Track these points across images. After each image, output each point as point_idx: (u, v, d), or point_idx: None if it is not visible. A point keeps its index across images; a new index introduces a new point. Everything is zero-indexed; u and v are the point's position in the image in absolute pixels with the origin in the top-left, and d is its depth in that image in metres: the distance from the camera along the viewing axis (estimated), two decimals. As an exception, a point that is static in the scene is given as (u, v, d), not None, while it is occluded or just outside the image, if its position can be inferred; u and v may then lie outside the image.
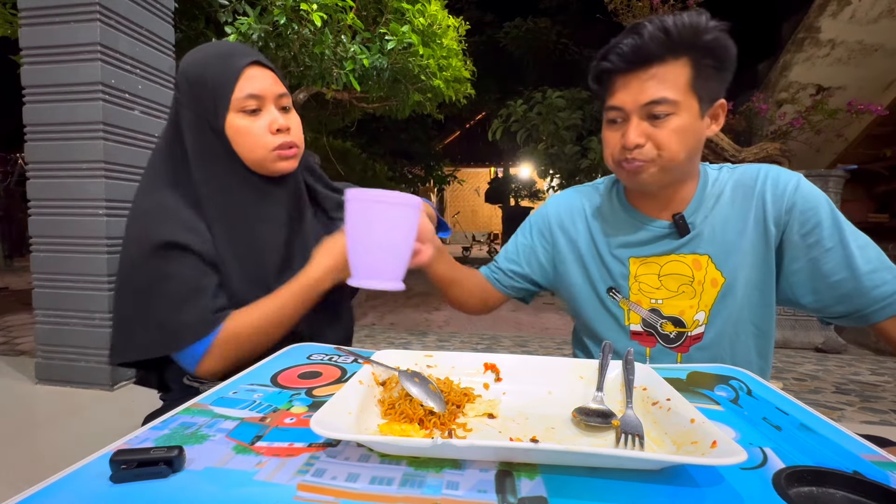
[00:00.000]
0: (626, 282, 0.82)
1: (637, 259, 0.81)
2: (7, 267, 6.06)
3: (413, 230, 0.63)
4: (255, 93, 0.73)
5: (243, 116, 0.73)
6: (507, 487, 0.35)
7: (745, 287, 0.77)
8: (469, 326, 3.61)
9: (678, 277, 0.79)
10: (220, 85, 0.72)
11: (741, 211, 0.77)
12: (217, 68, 0.73)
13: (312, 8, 2.30)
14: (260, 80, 0.74)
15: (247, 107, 0.73)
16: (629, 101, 0.72)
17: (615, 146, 0.75)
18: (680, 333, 0.80)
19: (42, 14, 1.80)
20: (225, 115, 0.72)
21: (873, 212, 4.12)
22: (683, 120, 0.71)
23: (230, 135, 0.73)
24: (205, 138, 0.74)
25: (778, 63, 3.91)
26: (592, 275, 0.86)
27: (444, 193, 15.44)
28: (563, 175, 5.05)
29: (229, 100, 0.72)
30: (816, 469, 0.37)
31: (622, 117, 0.73)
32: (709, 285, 0.78)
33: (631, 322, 0.82)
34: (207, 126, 0.73)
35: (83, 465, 0.37)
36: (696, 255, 0.78)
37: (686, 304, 0.79)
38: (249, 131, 0.73)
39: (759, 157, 3.27)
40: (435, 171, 10.07)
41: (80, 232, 1.84)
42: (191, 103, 0.74)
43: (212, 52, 0.76)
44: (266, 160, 0.75)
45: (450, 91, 3.34)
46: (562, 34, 8.51)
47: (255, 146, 0.74)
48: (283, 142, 0.75)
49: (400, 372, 0.52)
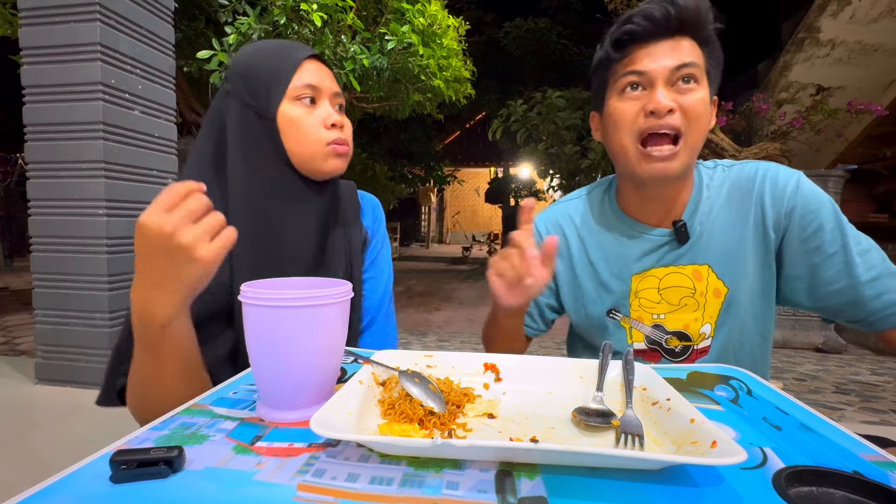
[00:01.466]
0: (626, 300, 0.78)
1: (637, 275, 0.77)
2: (7, 267, 6.06)
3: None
4: (314, 83, 0.70)
5: (299, 105, 0.69)
6: (507, 487, 0.35)
7: (748, 295, 0.74)
8: (469, 326, 3.60)
9: (679, 290, 0.75)
10: (276, 71, 0.69)
11: (739, 215, 0.73)
12: (275, 57, 0.70)
13: (312, 8, 2.30)
14: (318, 74, 0.71)
15: (303, 95, 0.69)
16: (656, 65, 0.66)
17: (635, 116, 0.68)
18: (686, 347, 0.76)
19: (42, 14, 1.80)
20: (278, 102, 0.69)
21: (873, 212, 4.12)
22: (704, 94, 0.68)
23: (282, 124, 0.69)
24: (250, 129, 0.70)
25: (778, 63, 3.91)
26: (590, 296, 0.80)
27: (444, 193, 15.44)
28: (563, 175, 5.05)
29: (286, 86, 0.69)
30: (816, 469, 0.37)
31: (645, 83, 0.67)
32: (712, 296, 0.74)
33: (634, 340, 0.78)
34: (255, 116, 0.69)
35: (83, 465, 0.37)
36: (696, 266, 0.74)
37: (690, 318, 0.75)
38: (304, 122, 0.69)
39: (759, 157, 3.27)
40: (435, 171, 10.07)
41: (80, 232, 1.84)
42: (240, 92, 0.70)
43: (270, 45, 0.73)
44: (318, 155, 0.70)
45: (450, 91, 3.34)
46: (562, 34, 8.51)
47: (309, 138, 0.69)
48: (339, 137, 0.71)
49: (400, 372, 0.52)
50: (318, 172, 0.72)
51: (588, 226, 0.82)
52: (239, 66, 0.72)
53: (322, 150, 0.70)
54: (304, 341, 0.46)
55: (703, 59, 0.68)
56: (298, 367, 0.46)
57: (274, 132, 0.69)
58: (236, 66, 0.72)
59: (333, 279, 0.52)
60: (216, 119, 0.72)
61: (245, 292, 0.46)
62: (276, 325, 0.45)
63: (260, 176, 0.70)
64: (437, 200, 14.93)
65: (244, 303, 0.46)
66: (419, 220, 14.53)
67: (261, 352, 0.46)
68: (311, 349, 0.46)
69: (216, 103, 0.73)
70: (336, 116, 0.71)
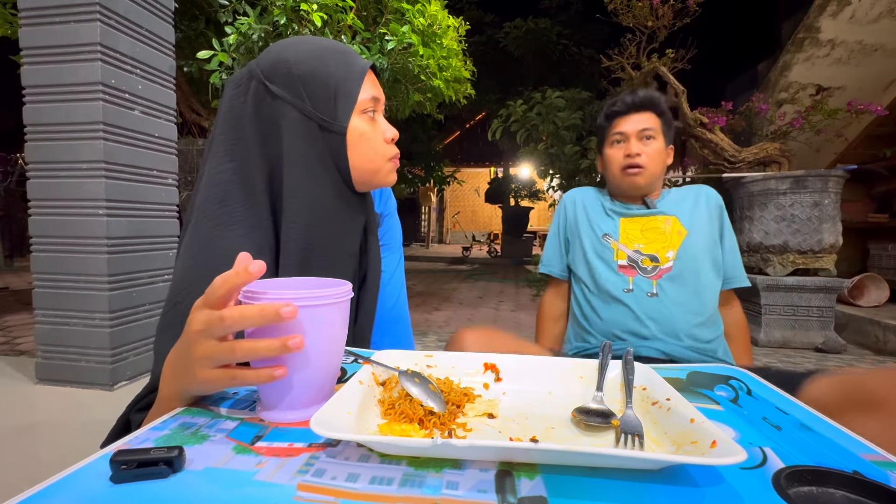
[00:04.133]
0: (616, 231, 1.19)
1: (625, 218, 1.20)
2: (7, 267, 6.06)
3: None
4: (376, 96, 0.68)
5: (365, 119, 0.67)
6: (506, 487, 0.35)
7: (701, 237, 1.15)
8: (469, 326, 3.61)
9: (655, 231, 1.16)
10: (345, 81, 0.65)
11: (693, 198, 1.20)
12: (338, 66, 0.65)
13: (312, 8, 2.30)
14: (376, 84, 0.68)
15: (368, 109, 0.67)
16: (630, 128, 1.18)
17: (620, 159, 1.18)
18: (654, 266, 1.14)
19: (42, 14, 1.80)
20: (349, 116, 0.65)
21: (873, 212, 4.11)
22: (660, 145, 1.18)
23: (352, 139, 0.66)
24: (313, 141, 0.64)
25: (778, 63, 3.91)
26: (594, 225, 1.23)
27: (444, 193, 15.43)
28: (563, 175, 5.05)
29: (356, 99, 0.65)
30: (816, 469, 0.37)
31: (623, 139, 1.19)
32: (675, 235, 1.15)
33: (618, 258, 1.17)
34: (318, 128, 0.65)
35: (83, 465, 0.37)
36: (667, 216, 1.17)
37: (660, 246, 1.15)
38: (372, 136, 0.67)
39: (758, 157, 3.27)
40: (435, 171, 10.06)
41: (80, 232, 1.84)
42: (300, 100, 0.64)
43: (326, 48, 0.67)
44: (382, 171, 0.69)
45: (450, 91, 3.34)
46: (562, 34, 8.50)
47: (375, 153, 0.68)
48: (397, 153, 0.70)
49: (400, 372, 0.52)
50: (375, 186, 0.71)
51: (593, 200, 1.28)
52: (296, 69, 0.64)
53: (386, 166, 0.70)
54: (304, 341, 0.46)
55: (658, 124, 1.18)
56: (298, 367, 0.46)
57: (339, 146, 0.66)
58: (292, 68, 0.64)
59: (334, 279, 0.52)
60: (266, 123, 0.65)
61: (245, 292, 0.45)
62: (275, 325, 0.45)
63: (319, 191, 0.66)
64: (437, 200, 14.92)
65: (244, 303, 0.46)
66: (419, 220, 14.53)
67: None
68: (311, 349, 0.46)
69: (258, 104, 0.65)
70: (393, 130, 0.71)
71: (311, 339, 0.46)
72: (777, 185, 2.96)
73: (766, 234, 3.02)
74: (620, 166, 1.17)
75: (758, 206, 3.05)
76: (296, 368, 0.46)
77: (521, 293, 5.11)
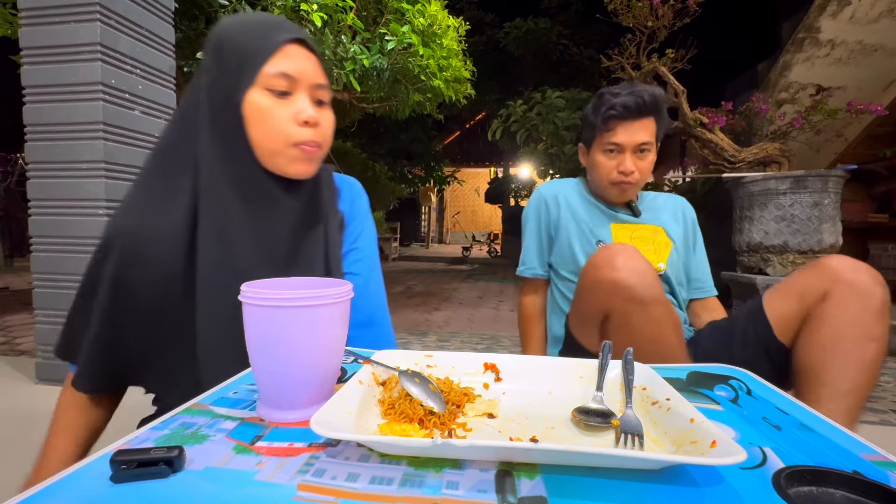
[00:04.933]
0: (609, 237, 1.17)
1: (616, 224, 1.19)
2: (7, 267, 6.06)
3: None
4: (290, 72, 0.62)
5: (269, 96, 0.62)
6: (506, 487, 0.35)
7: (681, 247, 1.19)
8: (469, 326, 3.60)
9: (644, 239, 1.17)
10: (251, 51, 0.61)
11: (671, 209, 1.23)
12: (253, 35, 0.62)
13: (312, 8, 2.30)
14: (299, 61, 0.63)
15: (275, 86, 0.62)
16: (627, 140, 1.10)
17: (611, 170, 1.13)
18: None
19: (42, 14, 1.80)
20: (247, 88, 0.61)
21: (873, 212, 4.11)
22: (653, 156, 1.14)
23: (247, 113, 0.62)
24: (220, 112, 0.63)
25: (778, 63, 3.91)
26: (583, 226, 1.19)
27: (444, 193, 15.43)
28: (562, 175, 5.06)
29: (257, 71, 0.61)
30: (816, 469, 0.37)
31: (618, 150, 1.12)
32: (663, 246, 1.17)
33: None
34: (224, 98, 0.62)
35: (83, 465, 0.37)
36: (654, 226, 1.19)
37: (651, 256, 1.14)
38: (271, 114, 0.62)
39: (758, 157, 3.27)
40: (435, 172, 10.07)
41: (80, 232, 1.84)
42: (213, 66, 0.63)
43: (253, 19, 0.65)
44: (281, 155, 0.64)
45: (450, 91, 3.34)
46: (562, 34, 8.51)
47: (273, 134, 0.62)
48: (309, 139, 0.64)
49: (400, 372, 0.52)
50: (282, 172, 0.66)
51: (575, 198, 1.24)
52: (219, 38, 0.64)
53: (287, 151, 0.64)
54: (304, 341, 0.46)
55: (654, 130, 1.12)
56: (298, 367, 0.46)
57: (237, 119, 0.62)
58: (217, 38, 0.64)
59: (333, 279, 0.52)
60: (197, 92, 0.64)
61: (245, 292, 0.45)
62: (276, 325, 0.45)
63: (219, 165, 0.63)
64: (437, 200, 14.92)
65: (244, 303, 0.45)
66: (419, 220, 14.53)
67: (261, 352, 0.46)
68: (311, 349, 0.46)
69: (198, 74, 0.66)
70: (310, 112, 0.64)
71: (311, 338, 0.46)
72: (777, 185, 2.96)
73: (765, 234, 3.01)
74: (611, 179, 1.13)
75: (758, 206, 3.05)
76: (296, 368, 0.46)
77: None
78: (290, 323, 0.45)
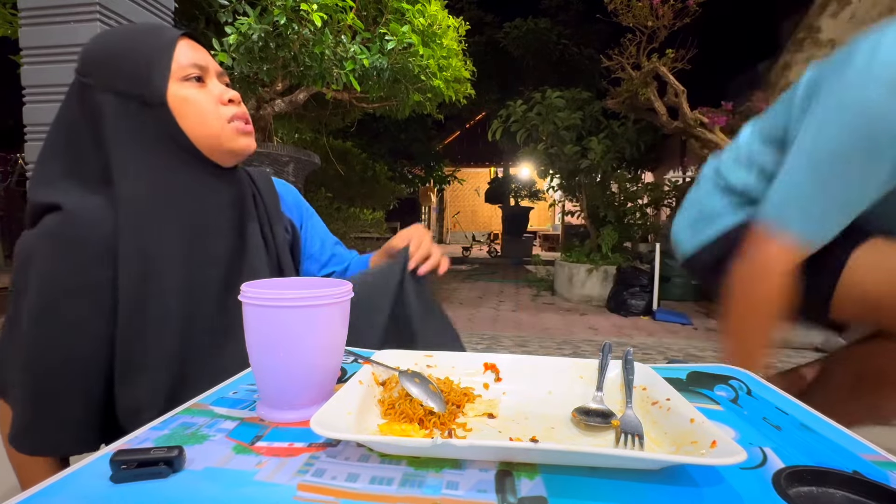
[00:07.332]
0: None
1: None
2: (7, 267, 6.06)
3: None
4: (198, 62, 0.66)
5: (189, 85, 0.65)
6: (506, 487, 0.35)
7: None
8: (469, 326, 3.60)
9: None
10: (154, 50, 0.63)
11: None
12: (142, 40, 0.65)
13: (312, 8, 2.30)
14: (199, 52, 0.67)
15: (191, 75, 0.65)
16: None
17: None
18: None
19: (42, 14, 1.80)
20: (166, 85, 0.63)
21: (873, 212, 4.11)
22: None
23: (175, 106, 0.64)
24: (136, 121, 0.63)
25: (778, 63, 3.91)
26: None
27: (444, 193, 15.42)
28: (562, 175, 5.05)
29: (169, 67, 0.63)
30: (816, 469, 0.37)
31: None
32: None
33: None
34: (137, 103, 0.63)
35: (83, 465, 0.37)
36: None
37: None
38: (199, 100, 0.65)
39: (759, 157, 3.27)
40: (435, 171, 10.06)
41: (80, 232, 1.84)
42: (111, 83, 0.62)
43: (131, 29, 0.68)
44: (224, 133, 0.66)
45: (450, 91, 3.33)
46: (562, 34, 8.50)
47: (208, 116, 0.65)
48: (239, 112, 0.67)
49: (400, 372, 0.52)
50: (226, 154, 0.68)
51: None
52: (98, 54, 0.64)
53: (226, 129, 0.66)
54: (304, 341, 0.46)
55: None
56: (298, 367, 0.46)
57: (166, 118, 0.63)
58: (99, 55, 0.64)
59: (334, 279, 0.52)
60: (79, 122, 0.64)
61: (245, 292, 0.46)
62: (276, 325, 0.45)
63: (159, 173, 0.63)
64: (437, 200, 14.91)
65: (244, 303, 0.46)
66: (419, 220, 14.53)
67: (261, 351, 0.46)
68: (311, 349, 0.46)
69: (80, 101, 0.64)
70: (231, 92, 0.67)
71: (311, 338, 0.46)
72: (777, 185, 2.96)
73: (766, 234, 3.01)
74: None
75: (758, 206, 3.05)
76: (296, 368, 0.46)
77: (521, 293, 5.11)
78: (290, 323, 0.45)
